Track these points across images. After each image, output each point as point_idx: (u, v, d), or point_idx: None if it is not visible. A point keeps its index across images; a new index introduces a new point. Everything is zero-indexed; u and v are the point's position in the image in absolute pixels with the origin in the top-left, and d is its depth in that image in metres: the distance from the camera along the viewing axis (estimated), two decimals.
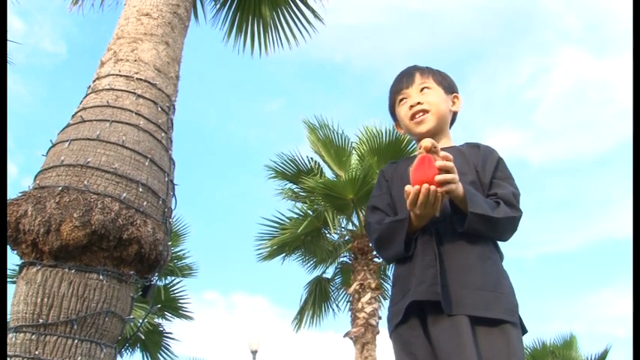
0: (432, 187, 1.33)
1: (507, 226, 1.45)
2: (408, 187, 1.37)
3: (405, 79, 1.72)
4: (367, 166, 7.78)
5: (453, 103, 1.74)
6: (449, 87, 1.73)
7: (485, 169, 1.56)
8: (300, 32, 5.73)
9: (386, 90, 1.81)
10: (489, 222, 1.39)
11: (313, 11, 5.66)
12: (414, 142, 1.79)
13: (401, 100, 1.71)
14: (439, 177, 1.33)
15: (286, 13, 5.67)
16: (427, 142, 1.37)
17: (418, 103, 1.66)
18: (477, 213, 1.37)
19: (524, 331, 1.41)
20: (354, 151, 8.70)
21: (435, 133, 1.65)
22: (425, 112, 1.65)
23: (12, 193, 2.68)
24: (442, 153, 1.39)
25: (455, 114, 1.75)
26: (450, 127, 1.75)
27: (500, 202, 1.45)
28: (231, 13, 5.68)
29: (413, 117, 1.67)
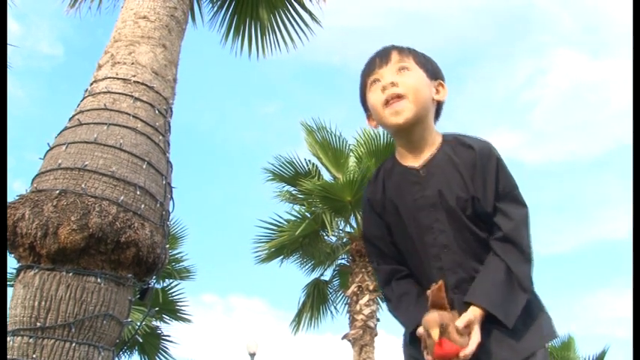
0: None
1: (530, 276, 1.32)
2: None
3: (379, 58, 1.42)
4: (365, 169, 7.78)
5: (437, 91, 1.43)
6: (433, 71, 1.43)
7: (487, 192, 1.33)
8: (298, 34, 5.73)
9: None
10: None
11: (310, 13, 5.66)
12: None
13: (373, 82, 1.40)
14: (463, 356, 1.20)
15: (284, 16, 5.67)
16: (434, 333, 1.19)
17: (392, 83, 1.35)
18: (512, 320, 1.25)
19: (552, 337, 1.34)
20: (351, 154, 8.71)
21: (415, 125, 1.36)
22: (401, 97, 1.34)
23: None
24: (464, 325, 1.21)
25: (440, 105, 1.45)
26: (436, 120, 1.46)
27: (511, 266, 1.27)
28: (228, 15, 5.68)
29: (386, 103, 1.36)
